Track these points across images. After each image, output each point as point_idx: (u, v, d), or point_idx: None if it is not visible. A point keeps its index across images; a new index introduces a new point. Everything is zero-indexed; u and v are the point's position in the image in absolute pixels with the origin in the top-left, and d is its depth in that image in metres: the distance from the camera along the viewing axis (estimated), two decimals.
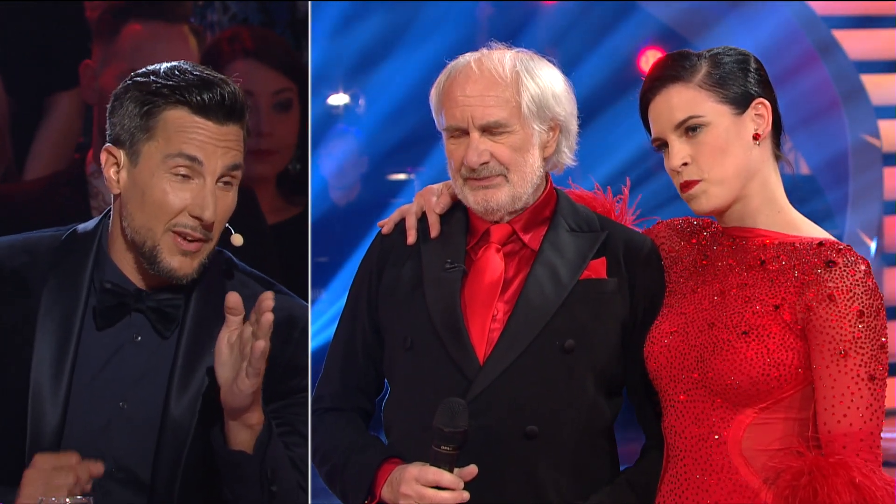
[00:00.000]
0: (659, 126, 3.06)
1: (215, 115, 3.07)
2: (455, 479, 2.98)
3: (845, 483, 2.84)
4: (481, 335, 3.11)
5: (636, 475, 3.15)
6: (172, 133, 3.05)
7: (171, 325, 3.12)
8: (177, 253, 3.07)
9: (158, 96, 3.06)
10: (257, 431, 3.01)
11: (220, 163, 3.07)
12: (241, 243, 3.14)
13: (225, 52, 4.80)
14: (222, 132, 3.08)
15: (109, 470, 3.06)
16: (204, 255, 3.10)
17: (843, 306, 2.92)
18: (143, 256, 3.08)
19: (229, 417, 3.01)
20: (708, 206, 3.05)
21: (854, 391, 2.90)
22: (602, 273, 3.16)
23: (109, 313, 3.11)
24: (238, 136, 3.11)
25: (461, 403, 2.96)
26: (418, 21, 8.39)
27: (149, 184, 3.06)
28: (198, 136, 3.05)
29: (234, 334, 2.98)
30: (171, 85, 3.06)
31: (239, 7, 5.03)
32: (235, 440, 3.02)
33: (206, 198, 3.05)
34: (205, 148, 3.06)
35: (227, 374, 2.97)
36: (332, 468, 3.19)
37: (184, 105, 3.06)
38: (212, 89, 3.07)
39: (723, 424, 2.99)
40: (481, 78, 3.12)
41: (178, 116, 3.06)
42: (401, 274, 3.22)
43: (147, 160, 3.06)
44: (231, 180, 3.11)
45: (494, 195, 3.14)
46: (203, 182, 3.06)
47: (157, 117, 3.06)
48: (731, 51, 3.08)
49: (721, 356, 2.98)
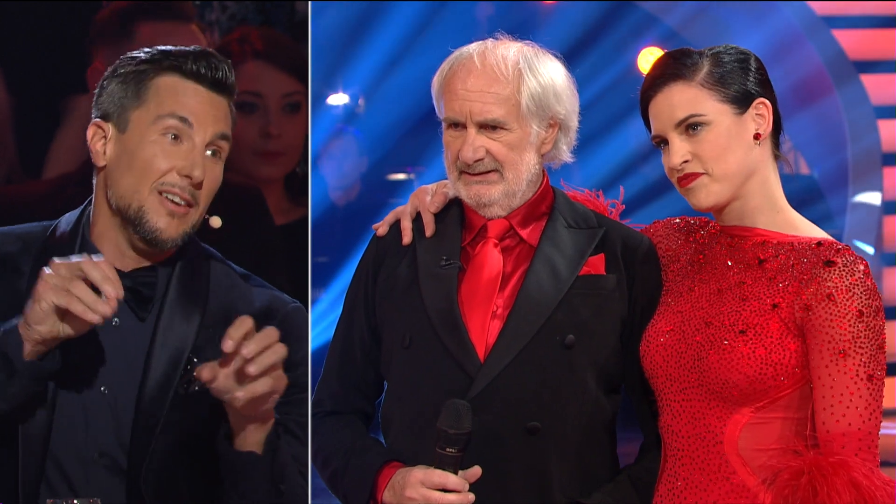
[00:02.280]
0: (660, 124, 3.06)
1: (208, 82, 3.09)
2: (460, 481, 2.98)
3: (845, 482, 2.84)
4: (481, 331, 3.11)
5: (638, 472, 3.15)
6: (164, 96, 3.07)
7: (147, 307, 3.11)
8: (163, 214, 3.06)
9: (150, 63, 3.08)
10: (269, 430, 3.01)
11: (210, 129, 3.09)
12: (220, 225, 3.14)
13: (235, 53, 4.81)
14: (214, 100, 3.10)
15: (93, 457, 3.06)
16: (189, 222, 3.09)
17: (842, 306, 2.92)
18: (128, 221, 3.07)
19: (248, 421, 2.98)
20: (706, 201, 3.05)
21: (853, 391, 2.90)
22: (601, 269, 3.16)
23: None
24: (227, 110, 3.13)
25: (465, 405, 2.96)
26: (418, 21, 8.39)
27: (138, 146, 3.06)
28: (190, 100, 3.08)
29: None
30: (164, 51, 3.09)
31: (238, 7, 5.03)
32: (248, 441, 3.00)
33: (195, 158, 3.06)
34: (196, 112, 3.08)
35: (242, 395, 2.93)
36: (333, 472, 3.19)
37: (176, 71, 3.08)
38: (207, 59, 3.10)
39: (719, 424, 2.99)
40: (483, 73, 3.12)
41: (170, 81, 3.08)
42: (397, 273, 3.21)
43: (137, 125, 3.07)
44: (218, 150, 3.12)
45: (488, 191, 3.14)
46: (192, 144, 3.07)
47: (149, 84, 3.08)
48: (732, 49, 3.08)
49: (718, 355, 2.98)
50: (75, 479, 3.06)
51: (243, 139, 4.75)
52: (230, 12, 4.99)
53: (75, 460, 3.07)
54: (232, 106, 3.15)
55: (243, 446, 3.00)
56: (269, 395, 2.93)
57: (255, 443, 3.00)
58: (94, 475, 3.07)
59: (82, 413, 3.08)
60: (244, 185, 4.77)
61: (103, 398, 3.09)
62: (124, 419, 3.08)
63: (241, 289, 3.21)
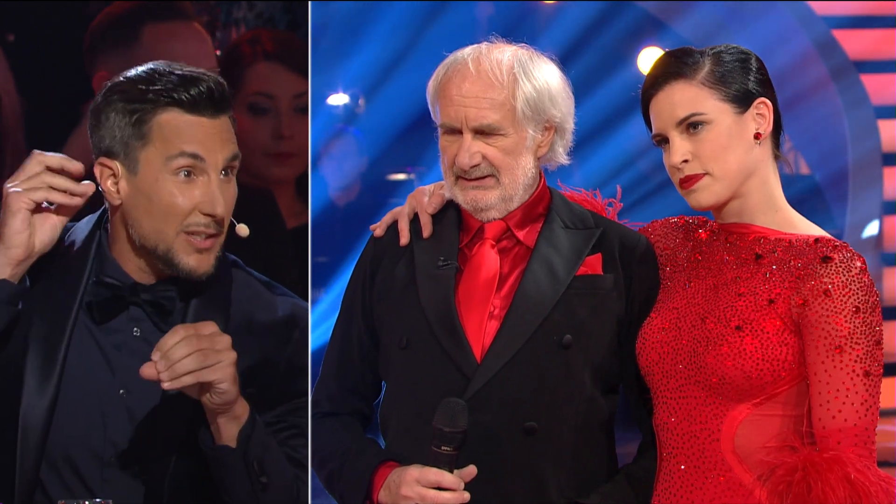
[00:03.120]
0: (660, 122, 3.06)
1: (206, 109, 3.08)
2: (456, 480, 2.98)
3: (840, 478, 2.84)
4: (478, 332, 3.11)
5: (635, 471, 3.16)
6: (169, 135, 3.06)
7: (167, 318, 3.13)
8: (193, 252, 3.08)
9: (147, 102, 3.07)
10: (242, 423, 3.02)
11: (220, 156, 3.09)
12: (248, 233, 3.14)
13: (246, 55, 4.82)
14: (216, 125, 3.10)
15: (109, 458, 3.09)
16: (217, 248, 3.11)
17: (839, 302, 2.92)
18: (158, 260, 3.09)
19: (218, 414, 3.01)
20: (707, 201, 3.05)
21: (849, 387, 2.91)
22: (598, 269, 3.17)
23: (106, 307, 3.12)
24: (230, 127, 3.13)
25: (461, 403, 2.96)
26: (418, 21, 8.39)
27: (154, 188, 3.06)
28: (195, 134, 3.07)
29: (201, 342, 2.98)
30: (158, 88, 3.07)
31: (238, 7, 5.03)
32: (223, 436, 3.02)
33: (214, 193, 3.07)
34: (204, 144, 3.07)
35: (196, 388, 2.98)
36: (329, 473, 3.19)
37: (175, 106, 3.07)
38: (198, 85, 3.08)
39: (716, 420, 2.99)
40: (478, 79, 3.12)
41: (171, 118, 3.07)
42: (394, 274, 3.22)
43: (147, 166, 3.07)
44: (230, 171, 3.12)
45: (484, 196, 3.15)
46: (208, 178, 3.07)
47: (150, 122, 3.07)
48: (733, 49, 3.08)
49: (714, 350, 2.98)
50: (91, 480, 3.09)
51: (255, 141, 4.77)
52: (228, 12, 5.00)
53: (92, 461, 3.10)
54: (232, 117, 3.15)
55: (219, 440, 3.03)
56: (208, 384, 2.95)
57: (230, 437, 3.02)
58: (111, 476, 3.10)
59: (100, 415, 3.10)
60: (255, 186, 4.79)
61: (121, 401, 3.12)
62: (146, 421, 3.10)
63: (265, 297, 3.23)
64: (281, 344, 3.15)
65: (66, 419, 3.09)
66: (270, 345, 3.13)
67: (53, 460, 3.08)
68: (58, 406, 3.08)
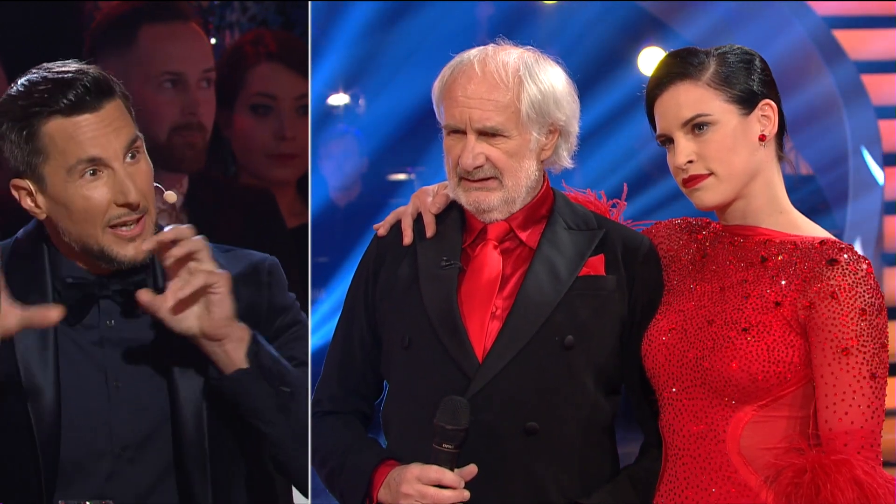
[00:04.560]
0: (665, 122, 3.06)
1: (88, 106, 3.07)
2: (456, 478, 2.99)
3: (848, 480, 2.84)
4: (480, 332, 3.11)
5: (637, 472, 3.16)
6: (61, 144, 3.06)
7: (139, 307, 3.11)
8: (125, 243, 3.09)
9: (30, 117, 3.06)
10: (247, 343, 3.05)
11: (117, 145, 3.08)
12: (175, 199, 3.16)
13: (249, 55, 4.82)
14: (103, 117, 3.08)
15: (115, 451, 3.09)
16: (150, 229, 3.11)
17: (845, 304, 2.92)
18: (96, 258, 3.10)
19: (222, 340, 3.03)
20: (711, 201, 3.05)
21: (856, 389, 2.90)
22: (601, 270, 3.17)
23: (78, 307, 3.12)
24: (120, 110, 3.11)
25: (463, 401, 2.97)
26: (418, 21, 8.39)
27: (66, 197, 3.07)
28: (86, 135, 3.06)
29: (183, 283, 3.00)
30: (34, 100, 3.06)
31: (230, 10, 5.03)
32: (235, 359, 3.04)
33: (123, 183, 3.06)
34: (97, 141, 3.06)
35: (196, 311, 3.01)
36: (330, 471, 3.20)
37: (56, 114, 3.05)
38: (73, 86, 3.06)
39: (722, 422, 2.99)
40: (483, 80, 3.12)
41: (57, 126, 3.06)
42: (397, 273, 3.22)
43: (53, 179, 3.07)
44: (136, 152, 3.11)
45: (487, 197, 3.15)
46: (112, 171, 3.07)
47: (40, 136, 3.06)
48: (737, 49, 3.08)
49: (720, 353, 2.98)
50: (102, 478, 3.09)
51: (257, 142, 4.77)
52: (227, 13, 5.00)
53: (101, 460, 3.10)
54: (122, 98, 3.12)
55: (231, 368, 3.04)
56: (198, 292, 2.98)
57: (241, 359, 3.04)
58: (121, 469, 3.10)
59: (102, 413, 3.11)
60: (256, 187, 4.79)
61: (118, 393, 3.12)
62: (151, 409, 3.11)
63: (223, 258, 3.23)
64: (254, 290, 3.19)
65: (72, 427, 3.09)
66: (244, 295, 3.14)
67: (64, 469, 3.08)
68: (63, 417, 3.08)
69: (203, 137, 4.68)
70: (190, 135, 4.66)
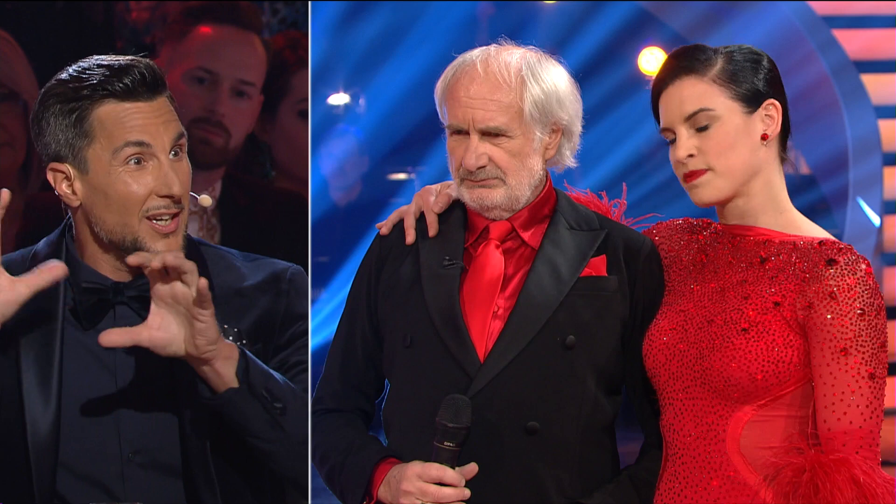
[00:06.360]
0: (669, 116, 3.06)
1: (142, 94, 3.08)
2: (457, 476, 2.99)
3: (847, 480, 2.84)
4: (481, 332, 3.11)
5: (638, 472, 3.16)
6: (111, 127, 3.06)
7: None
8: (159, 238, 3.08)
9: (82, 99, 3.06)
10: (236, 360, 3.03)
11: (165, 137, 3.09)
12: (211, 203, 3.18)
13: (289, 61, 4.86)
14: (155, 108, 3.09)
15: (127, 455, 3.09)
16: (182, 229, 3.12)
17: (844, 304, 2.92)
18: (126, 252, 3.07)
19: (210, 360, 3.01)
20: (709, 197, 3.05)
21: (854, 389, 2.91)
22: (602, 270, 3.17)
23: (92, 312, 3.12)
24: (169, 107, 3.12)
25: (465, 400, 2.97)
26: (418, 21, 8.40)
27: (107, 183, 3.06)
28: (136, 121, 3.06)
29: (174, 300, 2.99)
30: (90, 84, 3.07)
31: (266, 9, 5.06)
32: (225, 378, 3.02)
33: (167, 174, 3.07)
34: (147, 129, 3.07)
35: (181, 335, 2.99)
36: (330, 469, 3.19)
37: (110, 97, 3.06)
38: (130, 72, 3.07)
39: (721, 422, 2.99)
40: (486, 80, 3.12)
41: (109, 110, 3.06)
42: (399, 272, 3.22)
43: (96, 163, 3.07)
44: (179, 150, 3.12)
45: (490, 194, 3.15)
46: (158, 161, 3.07)
47: (90, 119, 3.06)
48: (745, 49, 3.08)
49: (720, 353, 2.98)
50: (114, 482, 3.10)
51: (305, 145, 4.82)
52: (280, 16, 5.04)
53: (112, 464, 3.10)
54: (170, 96, 3.14)
55: (222, 387, 3.02)
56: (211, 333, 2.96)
57: (230, 378, 3.02)
58: (131, 473, 3.11)
59: (112, 418, 3.11)
60: (289, 190, 4.83)
61: (126, 396, 3.12)
62: (163, 412, 3.11)
63: (242, 264, 3.25)
64: (272, 297, 3.18)
65: (80, 432, 3.09)
66: (262, 302, 3.15)
67: (74, 474, 3.09)
68: (67, 422, 3.08)
69: (223, 139, 4.73)
70: (206, 129, 4.69)
